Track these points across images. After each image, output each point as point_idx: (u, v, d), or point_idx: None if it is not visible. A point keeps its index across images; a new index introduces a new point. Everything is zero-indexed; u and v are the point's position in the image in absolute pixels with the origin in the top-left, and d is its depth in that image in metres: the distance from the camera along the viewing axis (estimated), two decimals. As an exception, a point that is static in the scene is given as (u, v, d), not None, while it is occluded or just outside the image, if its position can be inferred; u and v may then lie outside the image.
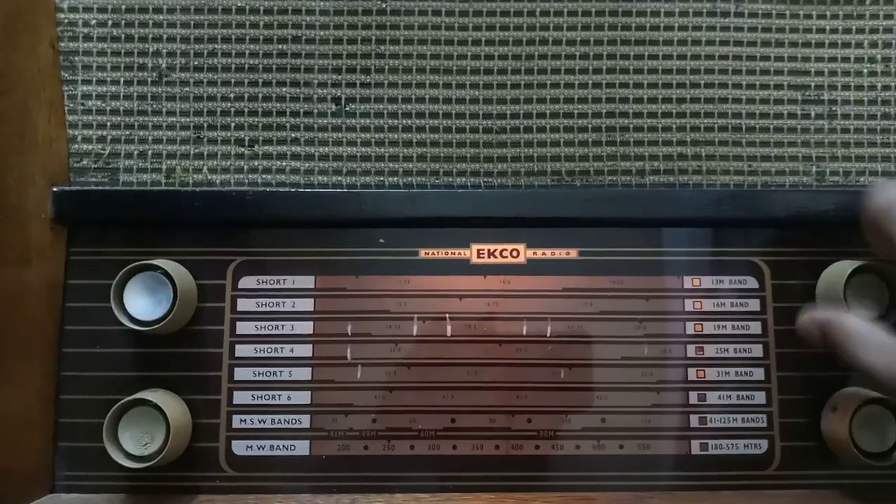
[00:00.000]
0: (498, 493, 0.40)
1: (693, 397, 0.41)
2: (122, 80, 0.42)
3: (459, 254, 0.42)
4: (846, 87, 0.43)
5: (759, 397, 0.41)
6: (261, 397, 0.41)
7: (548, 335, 0.41)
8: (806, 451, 0.41)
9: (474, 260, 0.42)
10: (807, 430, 0.41)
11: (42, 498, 0.40)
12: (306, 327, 0.41)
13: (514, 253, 0.42)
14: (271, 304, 0.41)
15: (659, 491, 0.40)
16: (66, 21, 0.42)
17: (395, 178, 0.42)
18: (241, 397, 0.41)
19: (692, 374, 0.41)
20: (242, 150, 0.42)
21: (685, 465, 0.41)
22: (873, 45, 0.43)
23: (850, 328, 0.35)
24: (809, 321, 0.37)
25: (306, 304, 0.41)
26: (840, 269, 0.40)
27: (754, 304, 0.42)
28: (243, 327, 0.41)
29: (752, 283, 0.42)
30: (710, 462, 0.41)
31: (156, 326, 0.38)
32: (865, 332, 0.34)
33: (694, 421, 0.41)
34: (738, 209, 0.42)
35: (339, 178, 0.42)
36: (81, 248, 0.42)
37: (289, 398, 0.41)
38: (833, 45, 0.43)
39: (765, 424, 0.41)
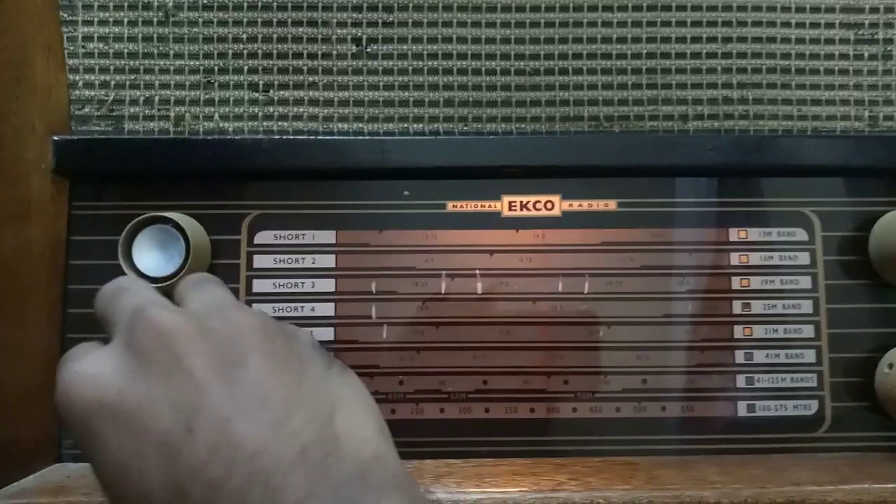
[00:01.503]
0: (534, 459, 0.38)
1: (739, 356, 0.39)
2: (125, 20, 0.39)
3: (490, 206, 0.39)
4: (902, 25, 0.40)
5: (809, 356, 0.39)
6: (280, 359, 0.38)
7: (585, 292, 0.39)
8: (858, 411, 0.39)
9: (506, 213, 0.39)
10: (859, 390, 0.39)
11: (48, 468, 0.37)
12: (328, 285, 0.39)
13: (549, 205, 0.39)
14: (290, 261, 0.39)
15: (704, 455, 0.38)
16: (63, -44, 0.39)
17: (421, 125, 0.40)
18: (259, 359, 0.38)
19: (738, 331, 0.39)
20: (256, 95, 0.39)
21: (732, 428, 0.38)
22: (932, -21, 0.40)
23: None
24: None
25: (327, 261, 0.39)
26: (895, 219, 0.37)
27: (804, 258, 0.39)
28: (260, 285, 0.39)
29: (801, 234, 0.39)
30: (757, 424, 0.38)
31: (167, 283, 0.36)
32: None
33: (740, 381, 0.39)
34: (786, 156, 0.39)
35: (361, 125, 0.39)
36: (85, 201, 0.39)
37: (310, 360, 0.38)
38: (888, -21, 0.40)
39: (815, 384, 0.39)
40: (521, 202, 0.39)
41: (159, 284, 0.36)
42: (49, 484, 0.35)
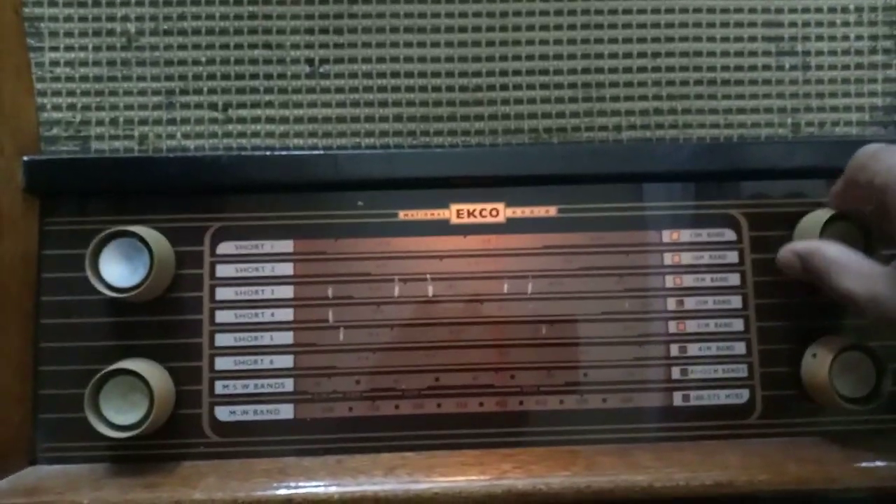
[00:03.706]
0: (483, 450, 0.40)
1: (674, 349, 0.41)
2: (90, 45, 0.41)
3: (439, 214, 0.42)
4: (820, 38, 0.43)
5: (739, 347, 0.42)
6: (243, 362, 0.40)
7: (529, 292, 0.41)
8: (787, 399, 0.41)
9: (454, 220, 0.42)
10: (787, 379, 0.41)
11: (22, 470, 0.39)
12: (287, 291, 0.41)
13: (494, 212, 0.42)
14: (251, 270, 0.41)
15: (642, 443, 0.41)
16: (30, -13, 0.41)
17: (372, 139, 0.42)
18: (223, 363, 0.40)
19: (672, 326, 0.41)
20: (216, 114, 0.42)
21: (668, 417, 0.41)
22: (845, -5, 0.43)
23: (830, 255, 0.35)
24: (790, 252, 0.37)
25: (286, 269, 0.41)
26: (815, 219, 0.40)
27: (732, 257, 0.42)
28: (223, 293, 0.41)
29: (729, 235, 0.42)
30: (692, 413, 0.41)
31: (133, 293, 0.38)
32: (845, 258, 0.35)
33: (675, 373, 0.41)
34: (714, 162, 0.42)
35: (315, 141, 0.42)
36: (55, 218, 0.41)
37: (271, 362, 0.40)
38: (806, -4, 0.43)
39: (745, 374, 0.41)
40: (468, 210, 0.42)
41: (125, 295, 0.38)
42: (22, 485, 0.37)
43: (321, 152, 0.42)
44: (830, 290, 0.36)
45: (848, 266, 0.35)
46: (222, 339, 0.40)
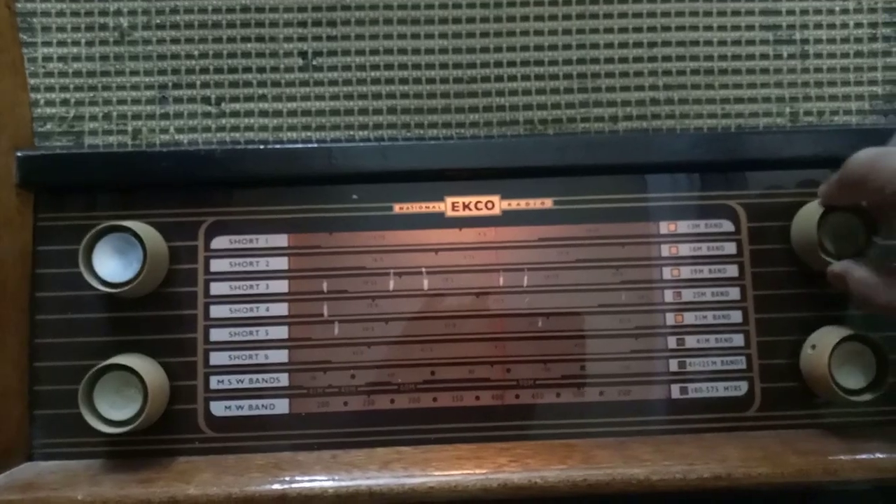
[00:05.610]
0: (479, 444, 0.40)
1: (672, 342, 0.41)
2: (83, 40, 0.41)
3: (434, 207, 0.42)
4: (818, 26, 0.42)
5: (738, 339, 0.41)
6: (238, 357, 0.40)
7: (525, 285, 0.41)
8: (786, 391, 0.41)
9: (449, 213, 0.42)
10: (786, 371, 0.41)
11: (19, 466, 0.39)
12: (281, 286, 0.41)
13: (489, 205, 0.42)
14: (245, 264, 0.41)
15: (640, 436, 0.40)
16: (22, -18, 0.41)
17: (366, 132, 0.42)
18: (217, 358, 0.40)
19: (670, 318, 0.41)
20: (209, 108, 0.41)
21: (666, 410, 0.41)
22: (844, -18, 0.43)
23: (857, 277, 0.37)
24: (831, 273, 0.38)
25: (280, 263, 0.41)
26: (814, 209, 0.40)
27: (730, 248, 0.42)
28: (217, 288, 0.41)
29: (727, 226, 0.42)
30: (690, 405, 0.41)
31: (126, 288, 0.38)
32: (872, 278, 0.36)
33: (673, 365, 0.41)
34: (712, 152, 0.42)
35: (309, 134, 0.42)
36: (49, 213, 0.41)
37: (266, 357, 0.40)
38: (804, -17, 0.42)
39: (744, 366, 0.41)
40: (464, 203, 0.42)
41: (118, 290, 0.38)
42: (18, 481, 0.37)
43: (315, 145, 0.41)
44: (869, 307, 0.37)
45: (877, 285, 0.36)
46: (217, 334, 0.40)
